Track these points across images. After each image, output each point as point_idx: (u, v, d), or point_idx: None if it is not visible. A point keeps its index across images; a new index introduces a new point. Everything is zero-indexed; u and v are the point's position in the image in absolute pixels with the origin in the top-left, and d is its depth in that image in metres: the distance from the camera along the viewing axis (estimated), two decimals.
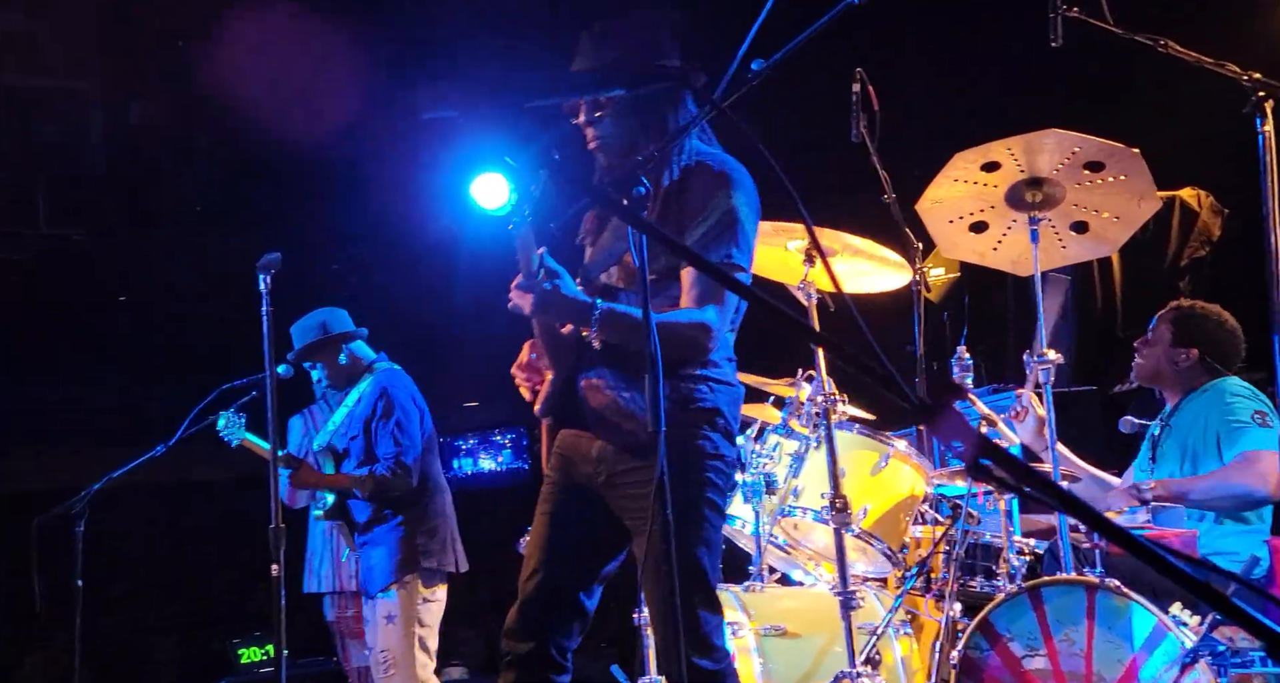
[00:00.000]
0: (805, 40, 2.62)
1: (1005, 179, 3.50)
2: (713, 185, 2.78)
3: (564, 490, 2.91)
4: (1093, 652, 3.01)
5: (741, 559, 4.04)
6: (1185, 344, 4.09)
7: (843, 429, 3.65)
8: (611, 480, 2.84)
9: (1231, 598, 1.10)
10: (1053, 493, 1.22)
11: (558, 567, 2.86)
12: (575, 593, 2.88)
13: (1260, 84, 2.97)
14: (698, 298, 2.73)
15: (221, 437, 4.96)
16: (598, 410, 2.84)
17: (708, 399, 2.81)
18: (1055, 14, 3.23)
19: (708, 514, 2.79)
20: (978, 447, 1.22)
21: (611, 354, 2.82)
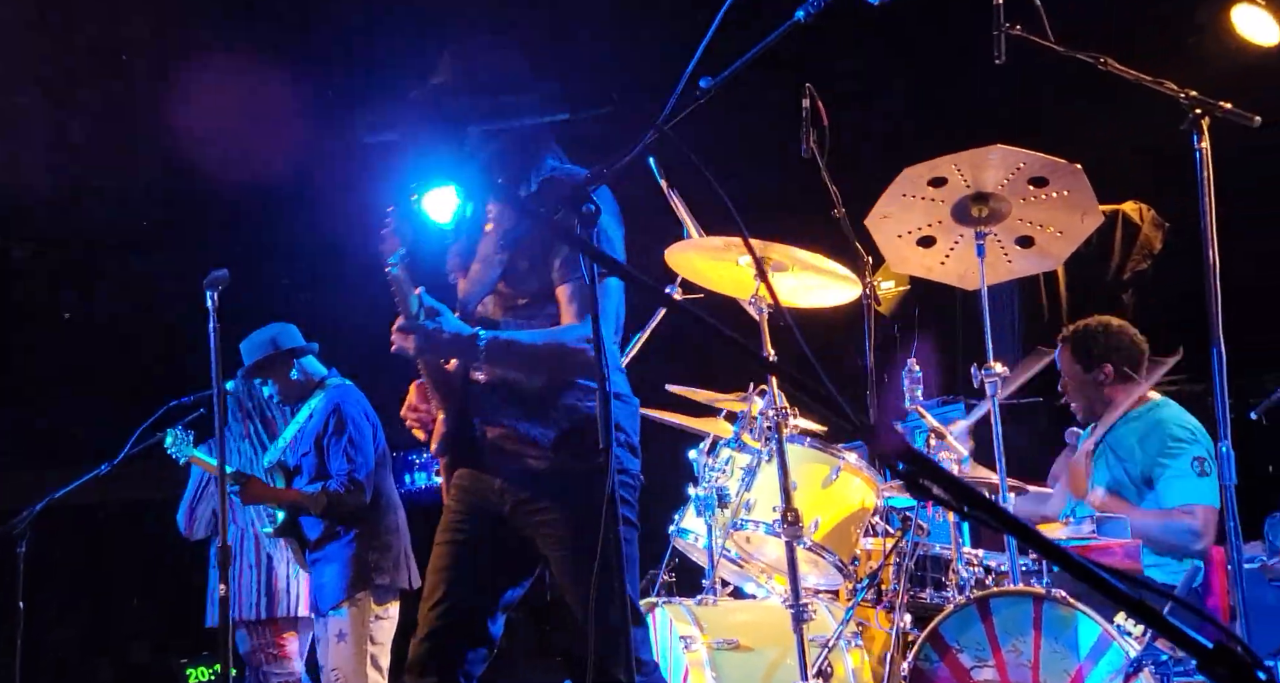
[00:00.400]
0: (754, 57, 2.64)
1: (952, 194, 3.55)
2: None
3: (466, 519, 2.87)
4: (1039, 662, 3.04)
5: (694, 573, 4.05)
6: (1097, 364, 4.15)
7: (794, 443, 3.67)
8: (518, 510, 2.83)
9: (1165, 615, 1.12)
10: (990, 511, 1.23)
11: (462, 596, 2.82)
12: (482, 621, 2.85)
13: (1197, 101, 3.04)
14: (578, 311, 2.72)
15: (169, 454, 4.89)
16: (497, 443, 2.82)
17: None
18: (999, 32, 3.29)
19: (621, 530, 2.79)
20: (917, 466, 1.23)
21: (504, 388, 2.81)
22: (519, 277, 2.82)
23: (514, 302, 2.83)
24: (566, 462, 2.79)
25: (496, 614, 2.88)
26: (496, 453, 2.83)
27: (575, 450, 2.78)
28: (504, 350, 2.68)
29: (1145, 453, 4.00)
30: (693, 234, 3.99)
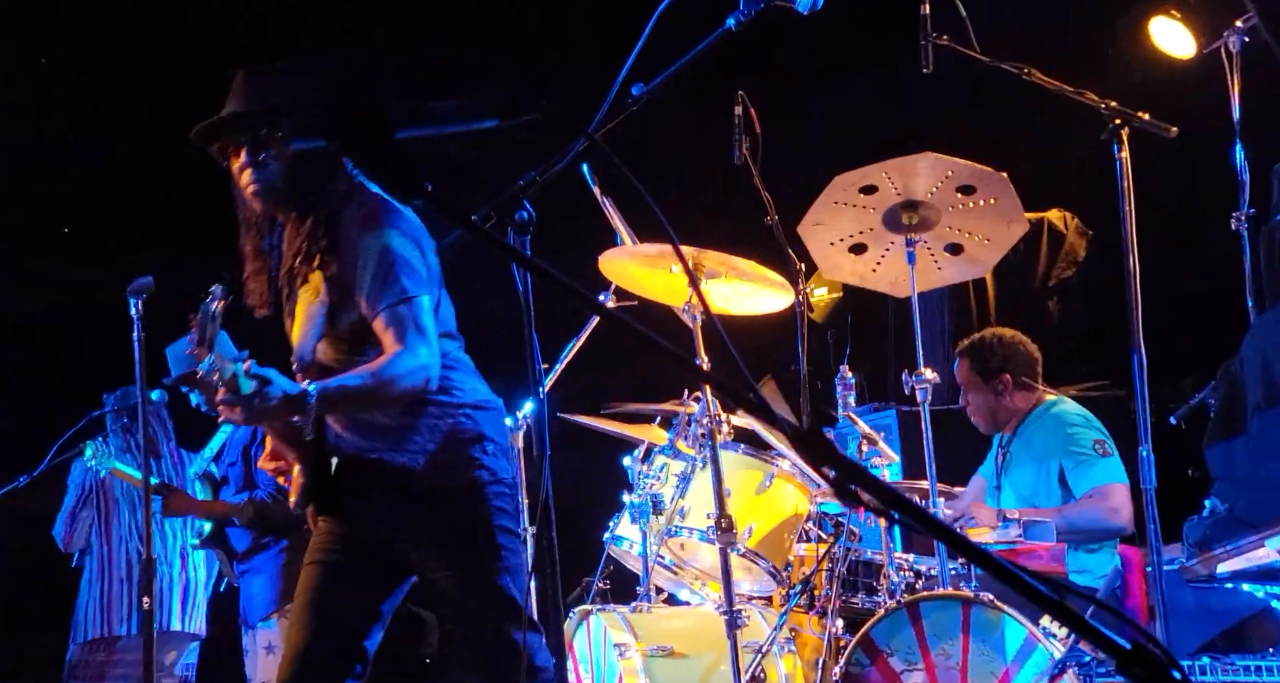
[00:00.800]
0: (685, 64, 2.65)
1: (883, 202, 3.59)
2: (362, 227, 2.72)
3: (337, 539, 2.82)
4: (968, 665, 3.08)
5: (629, 580, 4.04)
6: (995, 375, 4.24)
7: (728, 449, 3.69)
8: (397, 536, 2.80)
9: (1086, 617, 1.14)
10: (919, 518, 1.25)
11: (334, 618, 2.78)
12: (356, 641, 2.81)
13: (1116, 112, 3.11)
14: (398, 336, 2.66)
15: (90, 467, 4.79)
16: (367, 480, 2.78)
17: (471, 428, 2.79)
18: (925, 42, 3.34)
19: (504, 541, 2.78)
20: (846, 472, 1.25)
21: (359, 424, 2.77)
22: (337, 314, 2.75)
23: (341, 343, 2.76)
24: (439, 482, 2.76)
25: (372, 631, 2.84)
26: (367, 489, 2.78)
27: (446, 469, 2.76)
28: (336, 399, 2.62)
29: (1054, 447, 4.09)
30: (626, 242, 3.99)
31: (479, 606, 2.75)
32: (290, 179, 2.75)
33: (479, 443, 2.78)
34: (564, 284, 1.19)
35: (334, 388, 2.61)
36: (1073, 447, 4.04)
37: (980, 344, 4.30)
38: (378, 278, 2.67)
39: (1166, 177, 4.48)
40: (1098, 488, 3.97)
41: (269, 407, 2.51)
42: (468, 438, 2.77)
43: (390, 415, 2.75)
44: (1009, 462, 4.23)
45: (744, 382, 1.31)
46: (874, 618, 3.22)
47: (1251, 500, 3.88)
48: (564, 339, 4.20)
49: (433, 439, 2.75)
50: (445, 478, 2.76)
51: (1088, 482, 3.99)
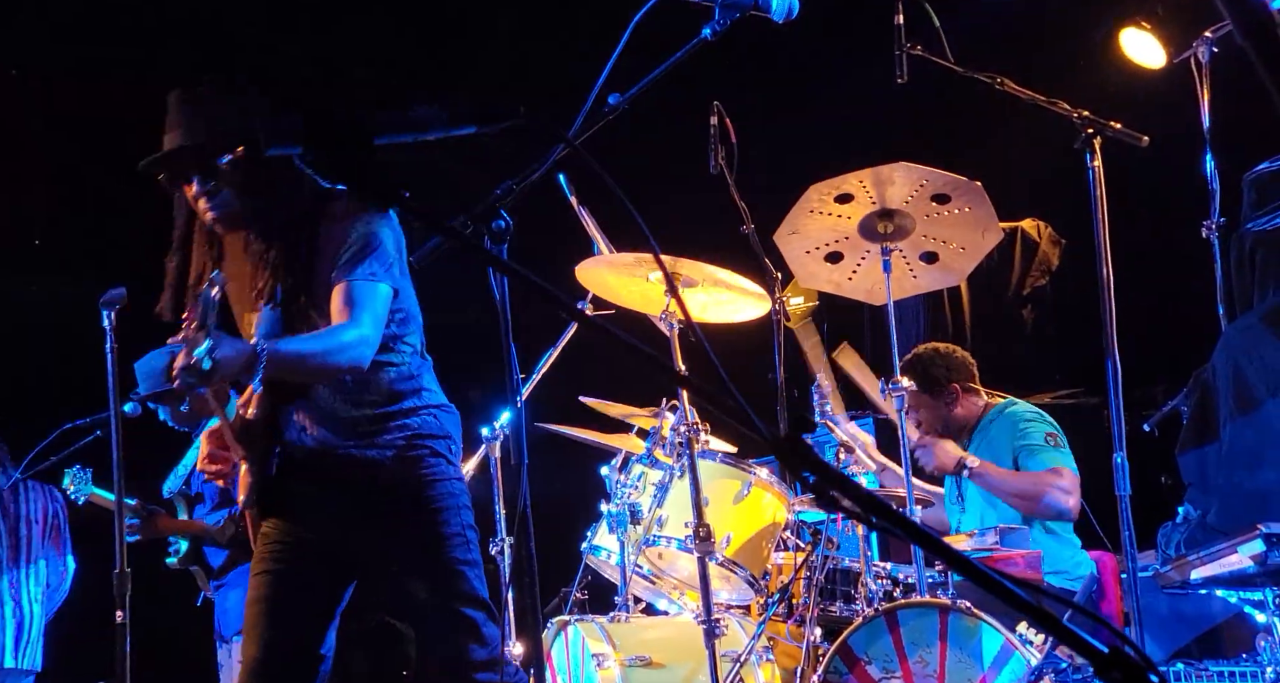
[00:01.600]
0: (662, 74, 2.66)
1: (858, 211, 3.61)
2: (351, 218, 2.77)
3: (287, 547, 2.83)
4: (945, 673, 3.09)
5: (607, 590, 4.03)
6: (941, 387, 4.27)
7: (706, 458, 3.69)
8: (351, 535, 2.82)
9: (1063, 621, 1.14)
10: (899, 524, 1.25)
11: (290, 625, 2.79)
12: (314, 646, 2.82)
13: (1089, 121, 3.14)
14: (351, 309, 2.70)
15: (69, 496, 4.74)
16: (327, 477, 2.80)
17: (437, 426, 2.86)
18: (900, 52, 3.37)
19: (470, 536, 2.84)
20: (826, 478, 1.25)
21: (330, 419, 2.80)
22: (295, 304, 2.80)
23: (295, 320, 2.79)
24: (404, 478, 2.81)
25: (326, 635, 2.85)
26: (321, 488, 2.81)
27: (412, 464, 2.81)
28: (283, 360, 2.65)
29: (1008, 442, 4.13)
30: (603, 250, 3.99)
31: (440, 596, 2.77)
32: (246, 201, 2.79)
33: (444, 440, 2.85)
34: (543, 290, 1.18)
35: (283, 349, 2.65)
36: (1024, 441, 4.11)
37: (920, 360, 4.32)
38: (355, 255, 2.74)
39: (1138, 186, 4.52)
40: (1054, 467, 4.03)
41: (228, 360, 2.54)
42: (434, 435, 2.84)
43: (367, 415, 2.79)
44: None
45: (723, 386, 1.31)
46: (852, 626, 3.22)
47: (1224, 507, 3.92)
48: (541, 349, 4.19)
49: (401, 436, 2.81)
50: (411, 473, 2.81)
51: (1047, 462, 4.04)
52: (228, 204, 2.80)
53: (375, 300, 2.73)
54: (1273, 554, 2.88)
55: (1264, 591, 3.06)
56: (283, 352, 2.65)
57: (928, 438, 4.07)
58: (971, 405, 4.28)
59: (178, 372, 2.53)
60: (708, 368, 1.53)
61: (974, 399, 4.28)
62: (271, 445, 2.80)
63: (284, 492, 2.82)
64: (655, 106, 2.94)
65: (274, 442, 2.81)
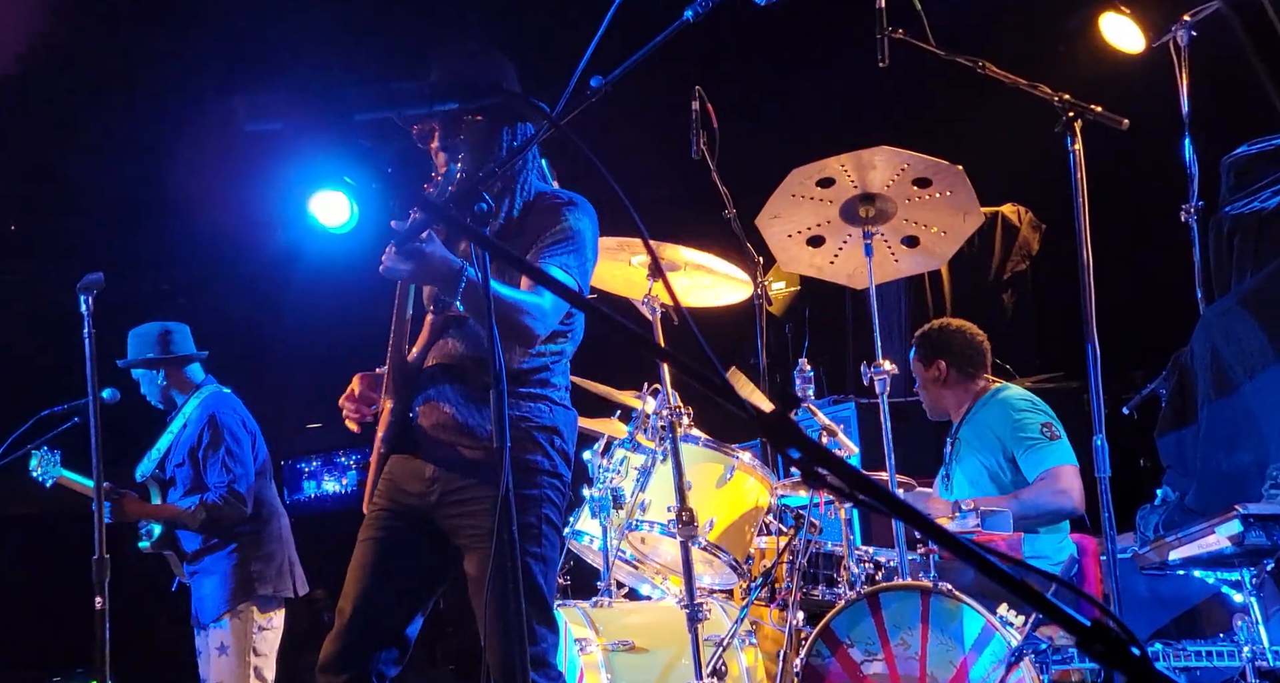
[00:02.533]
0: (644, 57, 2.64)
1: (840, 194, 3.61)
2: (557, 211, 2.84)
3: (391, 517, 2.87)
4: (927, 655, 3.11)
5: (589, 575, 4.03)
6: (932, 361, 4.30)
7: (688, 442, 3.69)
8: (445, 499, 2.84)
9: (1046, 596, 1.15)
10: (886, 501, 1.25)
11: (380, 595, 2.81)
12: (397, 622, 2.84)
13: (1070, 104, 3.14)
14: (534, 285, 2.76)
15: (34, 478, 4.69)
16: (433, 430, 2.86)
17: (547, 418, 2.86)
18: (882, 35, 3.36)
19: (545, 531, 2.83)
20: (814, 456, 1.25)
21: (454, 373, 2.85)
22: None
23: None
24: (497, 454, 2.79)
25: (415, 615, 2.87)
26: (432, 443, 2.85)
27: (515, 445, 2.76)
28: (479, 292, 2.62)
29: (1002, 433, 4.14)
30: None
31: (505, 585, 2.74)
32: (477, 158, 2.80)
33: (549, 433, 2.86)
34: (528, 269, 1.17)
35: (485, 286, 2.60)
36: (1021, 433, 4.10)
37: (924, 333, 4.36)
38: (562, 242, 2.79)
39: (1118, 170, 4.54)
40: (1047, 471, 4.02)
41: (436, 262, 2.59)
42: (543, 426, 2.85)
43: (484, 384, 2.78)
44: (957, 449, 4.28)
45: (709, 365, 1.30)
46: (834, 610, 3.24)
47: (1202, 489, 3.95)
48: None
49: (512, 414, 2.78)
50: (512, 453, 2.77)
51: (1038, 466, 4.04)
52: (460, 161, 2.79)
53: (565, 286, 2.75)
54: (1250, 535, 2.90)
55: (1241, 571, 3.08)
56: (485, 284, 2.60)
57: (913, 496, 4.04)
58: (962, 388, 4.28)
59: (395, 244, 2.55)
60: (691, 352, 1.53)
61: (966, 382, 4.28)
62: (413, 389, 2.86)
63: (408, 436, 2.85)
64: (637, 90, 2.93)
65: (415, 386, 2.86)
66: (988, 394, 4.27)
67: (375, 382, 2.91)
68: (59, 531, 6.44)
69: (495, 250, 1.33)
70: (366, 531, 2.88)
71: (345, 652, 2.78)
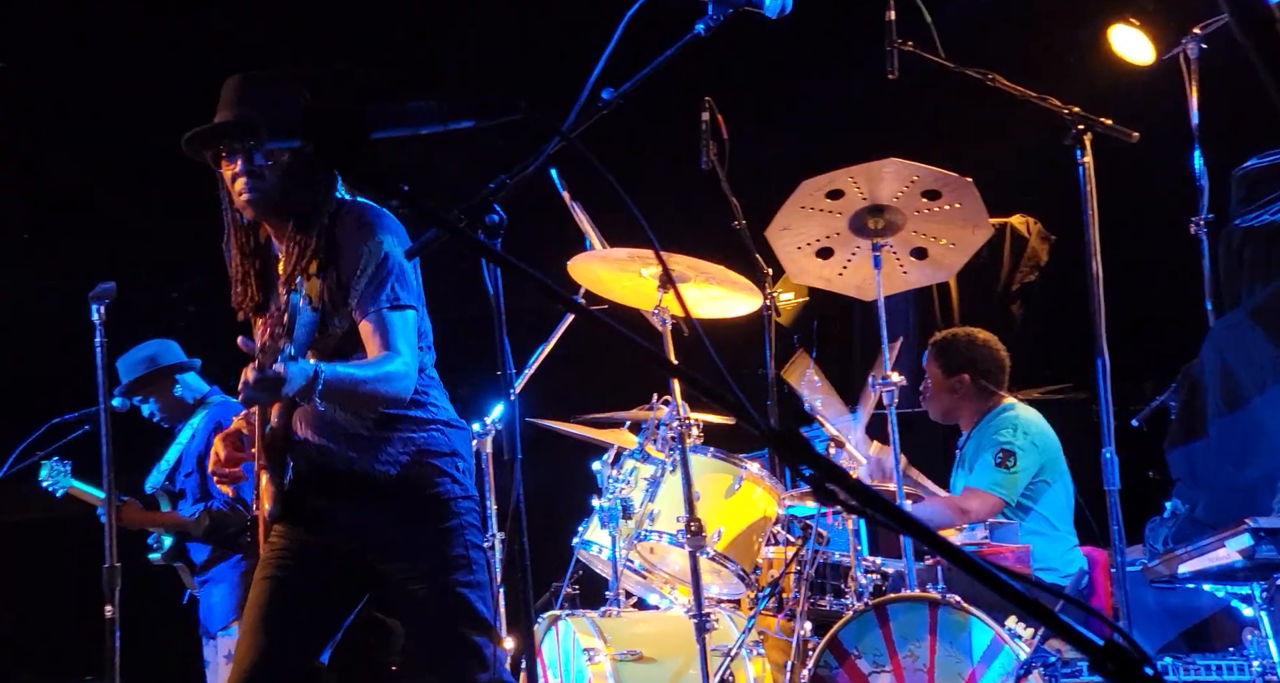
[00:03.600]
0: (655, 69, 2.66)
1: (849, 206, 3.62)
2: (360, 234, 2.73)
3: (293, 555, 2.78)
4: (935, 667, 3.10)
5: (598, 585, 4.04)
6: (954, 372, 4.29)
7: (697, 453, 3.69)
8: (368, 546, 2.78)
9: (1057, 613, 1.15)
10: (893, 515, 1.25)
11: (287, 634, 2.74)
12: (308, 659, 2.78)
13: (1079, 117, 3.15)
14: (385, 340, 2.68)
15: (45, 488, 4.71)
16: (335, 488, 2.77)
17: (444, 443, 2.80)
18: (891, 47, 3.37)
19: (473, 555, 2.77)
20: (823, 471, 1.25)
21: (333, 430, 2.77)
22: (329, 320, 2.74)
23: (328, 353, 2.73)
24: (410, 494, 2.76)
25: (324, 646, 2.82)
26: (330, 499, 2.78)
27: (418, 482, 2.76)
28: (336, 386, 2.62)
29: (979, 448, 4.14)
30: (596, 246, 3.99)
31: (444, 617, 2.74)
32: (285, 188, 2.73)
33: (451, 458, 2.80)
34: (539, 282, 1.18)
35: (340, 374, 2.62)
36: (983, 450, 4.11)
37: (948, 341, 4.35)
38: (373, 281, 2.70)
39: (1127, 182, 4.53)
40: (967, 488, 4.04)
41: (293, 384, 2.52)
42: (441, 452, 2.78)
43: (366, 425, 2.75)
44: (961, 460, 4.28)
45: (720, 379, 1.31)
46: (842, 620, 3.24)
47: (1211, 502, 3.94)
48: (533, 345, 4.19)
49: (406, 451, 2.75)
50: (417, 490, 2.75)
51: (968, 480, 4.06)
52: (267, 188, 2.72)
53: (408, 328, 2.70)
54: (1260, 549, 2.89)
55: (1251, 585, 3.07)
56: (340, 376, 2.61)
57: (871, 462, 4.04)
58: (978, 402, 4.27)
59: (252, 381, 2.48)
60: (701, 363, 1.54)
61: (983, 397, 4.27)
62: (285, 456, 2.77)
63: (296, 500, 2.77)
64: (648, 102, 2.94)
65: (288, 452, 2.77)
66: (995, 411, 4.26)
67: (239, 440, 2.81)
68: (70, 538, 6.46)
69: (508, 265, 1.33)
70: (264, 568, 2.79)
71: None
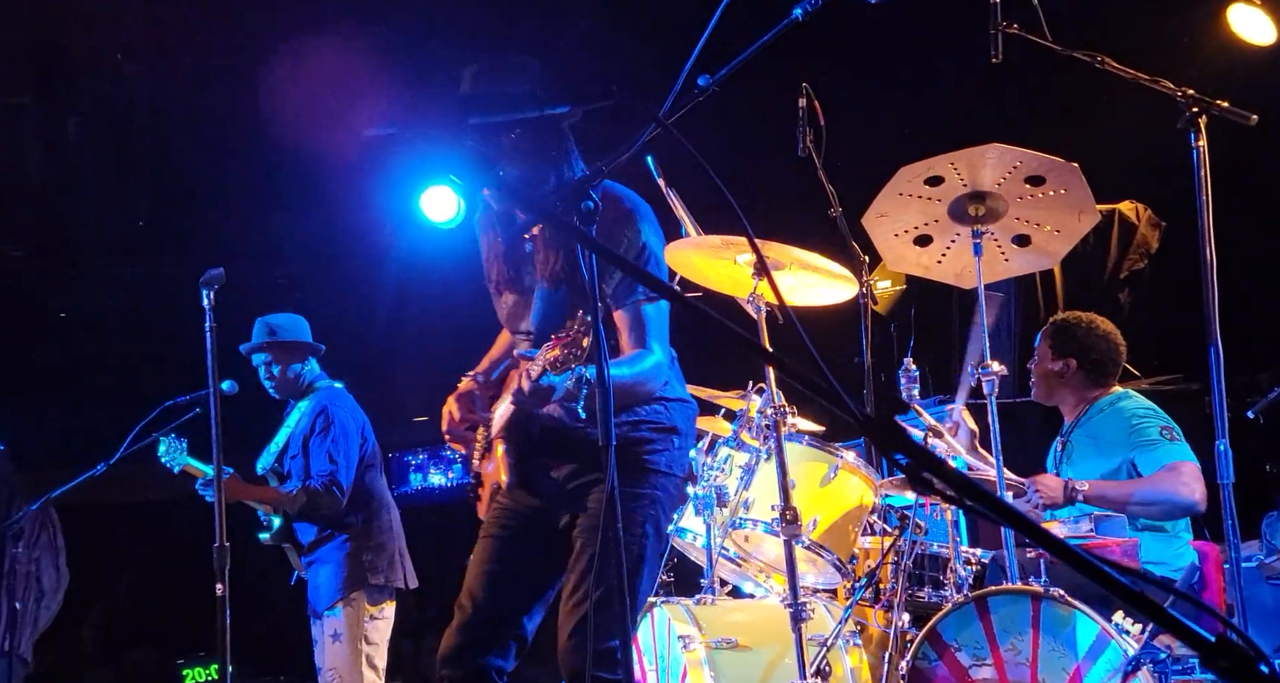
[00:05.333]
0: (751, 56, 2.64)
1: (949, 193, 3.55)
2: (620, 220, 2.77)
3: (513, 514, 2.91)
4: (1038, 661, 3.04)
5: (693, 572, 4.04)
6: (1062, 356, 4.18)
7: (792, 441, 3.67)
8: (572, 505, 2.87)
9: (1167, 608, 1.12)
10: (993, 506, 1.23)
11: (501, 590, 2.87)
12: (518, 616, 2.89)
13: (1194, 100, 3.04)
14: (640, 335, 2.74)
15: (163, 463, 4.88)
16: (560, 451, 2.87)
17: (665, 417, 2.89)
18: (995, 31, 3.29)
19: (648, 530, 2.85)
20: (920, 460, 1.23)
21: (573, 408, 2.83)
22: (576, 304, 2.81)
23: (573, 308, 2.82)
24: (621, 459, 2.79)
25: (534, 611, 2.93)
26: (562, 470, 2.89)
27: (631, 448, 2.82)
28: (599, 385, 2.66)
29: (1119, 440, 4.02)
30: (691, 233, 3.98)
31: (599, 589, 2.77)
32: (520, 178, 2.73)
33: (668, 433, 2.89)
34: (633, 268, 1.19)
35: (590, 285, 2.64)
36: (1139, 438, 3.97)
37: (1065, 324, 4.25)
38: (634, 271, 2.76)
39: (1244, 166, 4.37)
40: (1167, 465, 3.90)
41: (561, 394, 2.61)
42: (662, 427, 2.88)
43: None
44: (1069, 450, 4.17)
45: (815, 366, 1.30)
46: (941, 612, 3.19)
47: None
48: None
49: (629, 419, 2.83)
50: (626, 457, 2.80)
51: (1158, 462, 3.92)
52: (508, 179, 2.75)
53: (662, 321, 2.78)
54: None
55: None
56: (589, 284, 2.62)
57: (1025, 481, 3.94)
58: (1085, 389, 4.17)
59: (527, 391, 2.59)
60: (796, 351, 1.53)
61: (1091, 385, 4.17)
62: (528, 428, 2.87)
63: (528, 470, 2.89)
64: (743, 89, 2.92)
65: (529, 424, 2.87)
66: (1106, 399, 4.15)
67: (471, 401, 2.92)
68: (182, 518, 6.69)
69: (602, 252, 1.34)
70: (488, 528, 2.94)
71: (465, 645, 2.84)
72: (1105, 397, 4.16)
